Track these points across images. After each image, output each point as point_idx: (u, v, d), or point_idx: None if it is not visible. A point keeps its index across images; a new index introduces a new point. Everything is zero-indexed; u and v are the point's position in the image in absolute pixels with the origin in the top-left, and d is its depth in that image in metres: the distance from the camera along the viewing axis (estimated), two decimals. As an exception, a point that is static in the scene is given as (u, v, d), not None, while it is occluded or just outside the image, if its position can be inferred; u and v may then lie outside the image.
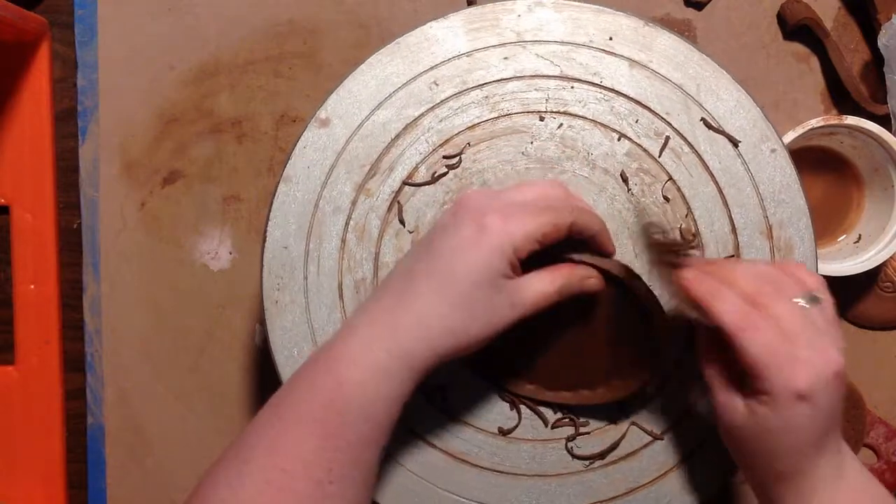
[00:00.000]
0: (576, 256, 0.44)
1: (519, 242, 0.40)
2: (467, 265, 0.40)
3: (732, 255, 0.49)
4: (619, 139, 0.49)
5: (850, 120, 0.55)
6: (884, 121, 0.56)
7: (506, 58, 0.49)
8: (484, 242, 0.40)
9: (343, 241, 0.49)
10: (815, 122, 0.55)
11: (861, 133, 0.55)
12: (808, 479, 0.41)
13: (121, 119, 0.60)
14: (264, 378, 0.61)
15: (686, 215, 0.49)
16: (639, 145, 0.49)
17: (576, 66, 0.49)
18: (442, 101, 0.49)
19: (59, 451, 0.60)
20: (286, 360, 0.49)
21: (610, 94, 0.49)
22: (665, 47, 0.49)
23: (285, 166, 0.49)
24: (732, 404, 0.42)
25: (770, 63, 0.59)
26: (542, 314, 0.43)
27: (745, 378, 0.41)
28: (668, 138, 0.49)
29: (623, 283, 0.45)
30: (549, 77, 0.49)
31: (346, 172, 0.49)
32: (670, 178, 0.49)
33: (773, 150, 0.49)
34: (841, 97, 0.59)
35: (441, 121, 0.49)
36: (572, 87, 0.49)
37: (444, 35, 0.49)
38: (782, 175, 0.49)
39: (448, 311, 0.40)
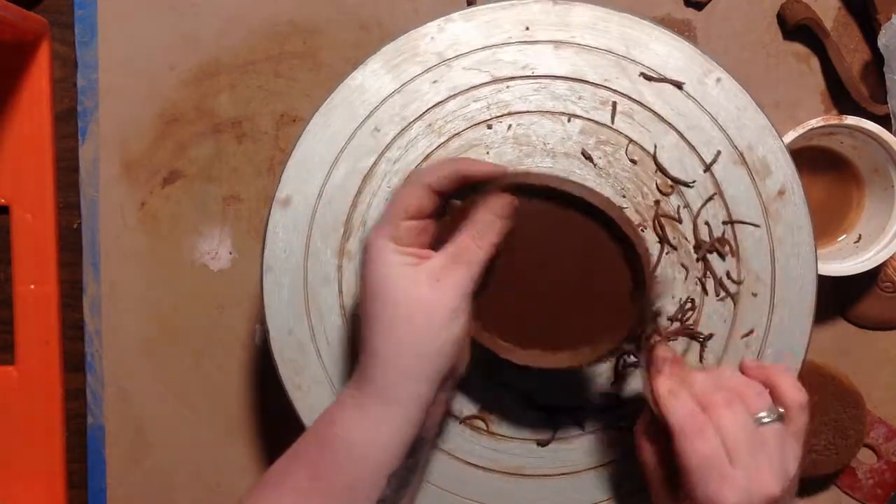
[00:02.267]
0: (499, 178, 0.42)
1: (389, 230, 0.40)
2: (374, 278, 0.40)
3: (714, 193, 0.49)
4: (569, 120, 0.49)
5: (850, 120, 0.55)
6: (884, 121, 0.55)
7: (435, 81, 0.49)
8: (372, 255, 0.40)
9: (342, 307, 0.49)
10: (815, 122, 0.55)
11: (861, 133, 0.55)
12: None
13: (121, 119, 0.60)
14: (264, 378, 0.61)
15: (656, 171, 0.49)
16: (590, 120, 0.49)
17: (504, 66, 0.49)
18: (389, 144, 0.49)
19: (59, 451, 0.60)
20: None
21: (545, 80, 0.49)
22: (582, 19, 0.49)
23: (262, 255, 0.49)
24: (665, 499, 0.42)
25: (770, 63, 0.59)
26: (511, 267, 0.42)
27: (679, 479, 0.40)
28: (615, 104, 0.49)
29: (575, 200, 0.42)
30: (482, 85, 0.49)
31: (323, 241, 0.49)
32: (631, 141, 0.49)
33: (718, 80, 0.49)
34: (841, 97, 0.59)
35: (395, 163, 0.49)
36: (508, 87, 0.49)
37: (369, 80, 0.49)
38: (735, 100, 0.49)
39: (390, 331, 0.39)
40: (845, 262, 0.56)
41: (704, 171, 0.49)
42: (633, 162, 0.49)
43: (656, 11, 0.59)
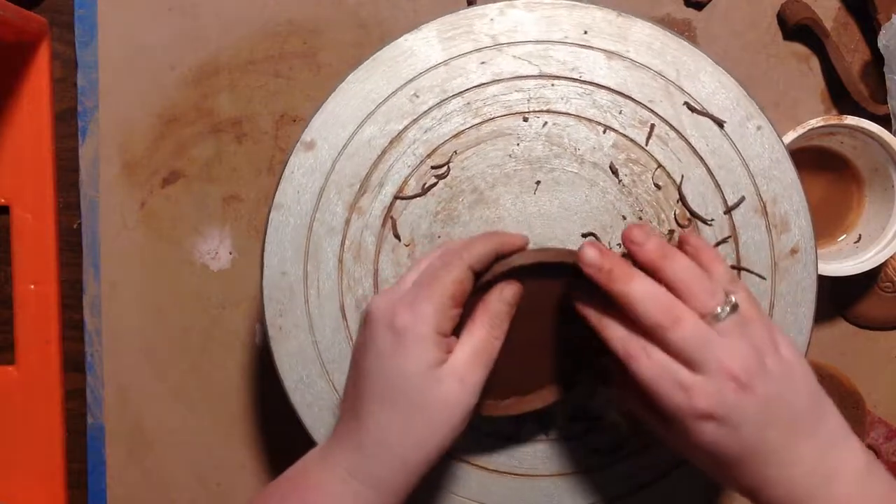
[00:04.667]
0: (489, 276, 0.42)
1: (435, 320, 0.39)
2: (403, 373, 0.38)
3: (729, 236, 0.49)
4: (604, 132, 0.49)
5: (850, 120, 0.54)
6: (884, 121, 0.55)
7: (483, 62, 0.49)
8: (406, 343, 0.38)
9: (340, 261, 0.49)
10: (815, 122, 0.55)
11: (861, 133, 0.55)
12: (778, 490, 0.38)
13: (121, 119, 0.60)
14: (264, 378, 0.61)
15: (678, 200, 0.49)
16: (625, 136, 0.49)
17: (554, 64, 0.49)
18: (424, 113, 0.49)
19: (59, 451, 0.60)
20: (295, 386, 0.49)
21: (591, 87, 0.49)
22: (641, 36, 0.49)
23: (275, 193, 0.49)
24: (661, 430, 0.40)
25: (770, 63, 0.59)
26: None
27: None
28: (653, 126, 0.49)
29: (549, 268, 0.42)
30: (528, 77, 0.49)
31: (337, 193, 0.49)
32: (659, 166, 0.49)
33: (758, 128, 0.49)
34: (841, 97, 0.59)
35: (426, 132, 0.49)
36: (553, 85, 0.49)
37: (420, 46, 0.49)
38: (770, 151, 0.49)
39: (406, 426, 0.38)
40: (845, 262, 0.56)
41: (725, 213, 0.49)
42: (658, 187, 0.49)
43: (656, 11, 0.59)
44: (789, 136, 0.54)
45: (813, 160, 0.58)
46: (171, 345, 0.61)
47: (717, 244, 0.49)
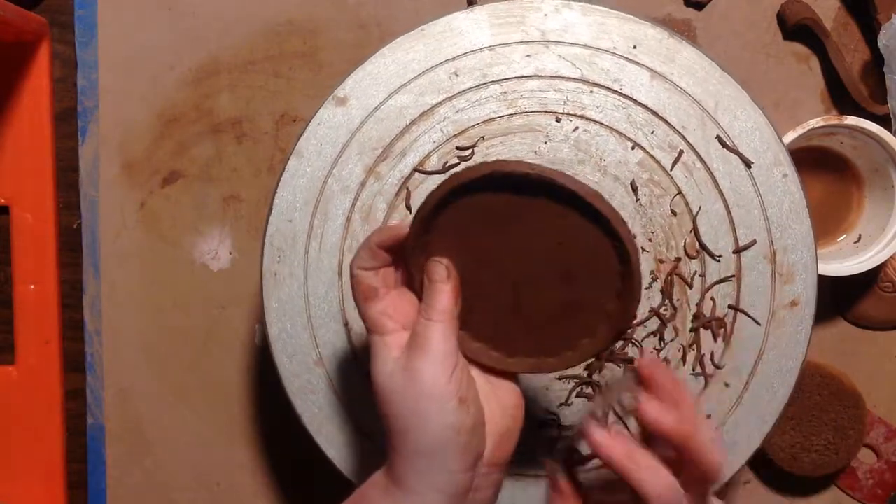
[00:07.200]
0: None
1: (370, 324, 0.40)
2: (371, 375, 0.40)
3: (733, 275, 0.49)
4: (632, 148, 0.49)
5: (850, 120, 0.54)
6: (884, 121, 0.55)
7: (528, 55, 0.49)
8: (370, 347, 0.40)
9: (348, 220, 0.49)
10: (815, 122, 0.55)
11: (861, 133, 0.55)
12: None
13: (121, 119, 0.60)
14: (264, 378, 0.61)
15: (691, 231, 0.49)
16: (652, 156, 0.49)
17: (597, 71, 0.49)
18: (460, 92, 0.49)
19: (59, 451, 0.60)
20: (279, 334, 0.50)
21: (628, 102, 0.49)
22: (687, 61, 0.49)
23: (298, 140, 0.49)
24: None
25: (770, 63, 0.59)
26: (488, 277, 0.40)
27: None
28: (681, 152, 0.49)
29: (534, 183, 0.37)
30: (569, 79, 0.49)
31: (358, 153, 0.49)
32: (679, 192, 0.49)
33: (784, 175, 0.48)
34: (841, 97, 0.59)
35: (458, 111, 0.49)
36: (591, 92, 0.49)
37: (469, 27, 0.49)
38: (791, 200, 0.48)
39: (396, 428, 0.38)
40: (845, 262, 0.56)
41: (734, 252, 0.49)
42: (674, 213, 0.49)
43: (657, 12, 0.59)
44: (789, 136, 0.54)
45: (813, 160, 0.58)
46: (171, 345, 0.61)
47: (720, 281, 0.49)
